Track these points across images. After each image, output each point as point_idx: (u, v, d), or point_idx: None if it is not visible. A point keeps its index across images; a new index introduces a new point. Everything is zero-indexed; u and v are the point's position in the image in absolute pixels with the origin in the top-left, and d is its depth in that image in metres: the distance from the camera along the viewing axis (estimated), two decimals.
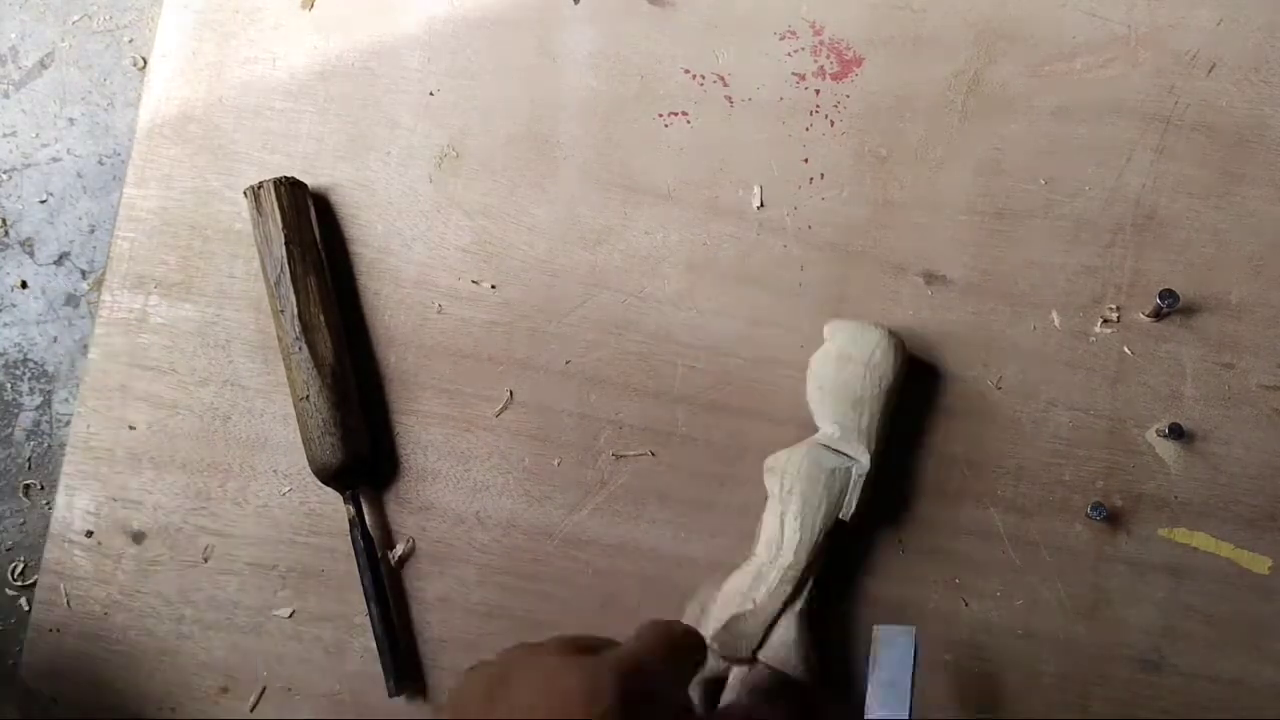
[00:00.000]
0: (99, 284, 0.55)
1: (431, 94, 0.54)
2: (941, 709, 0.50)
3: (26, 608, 0.52)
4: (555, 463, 0.52)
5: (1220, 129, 0.53)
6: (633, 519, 0.51)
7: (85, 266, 0.55)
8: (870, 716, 0.43)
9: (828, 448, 0.48)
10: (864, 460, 0.48)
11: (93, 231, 0.55)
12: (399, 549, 0.51)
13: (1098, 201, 0.52)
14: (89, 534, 0.52)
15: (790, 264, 0.53)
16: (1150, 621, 0.50)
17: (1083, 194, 0.52)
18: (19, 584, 0.53)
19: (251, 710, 0.51)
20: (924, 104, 0.53)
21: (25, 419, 0.54)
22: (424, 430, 0.52)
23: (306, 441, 0.50)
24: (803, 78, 0.54)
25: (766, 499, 0.49)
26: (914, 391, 0.51)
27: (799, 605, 0.47)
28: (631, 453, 0.52)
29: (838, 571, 0.50)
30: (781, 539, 0.47)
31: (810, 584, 0.48)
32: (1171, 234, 0.52)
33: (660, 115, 0.54)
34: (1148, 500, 0.51)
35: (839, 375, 0.48)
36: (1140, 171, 0.52)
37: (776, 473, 0.48)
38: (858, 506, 0.47)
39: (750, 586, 0.47)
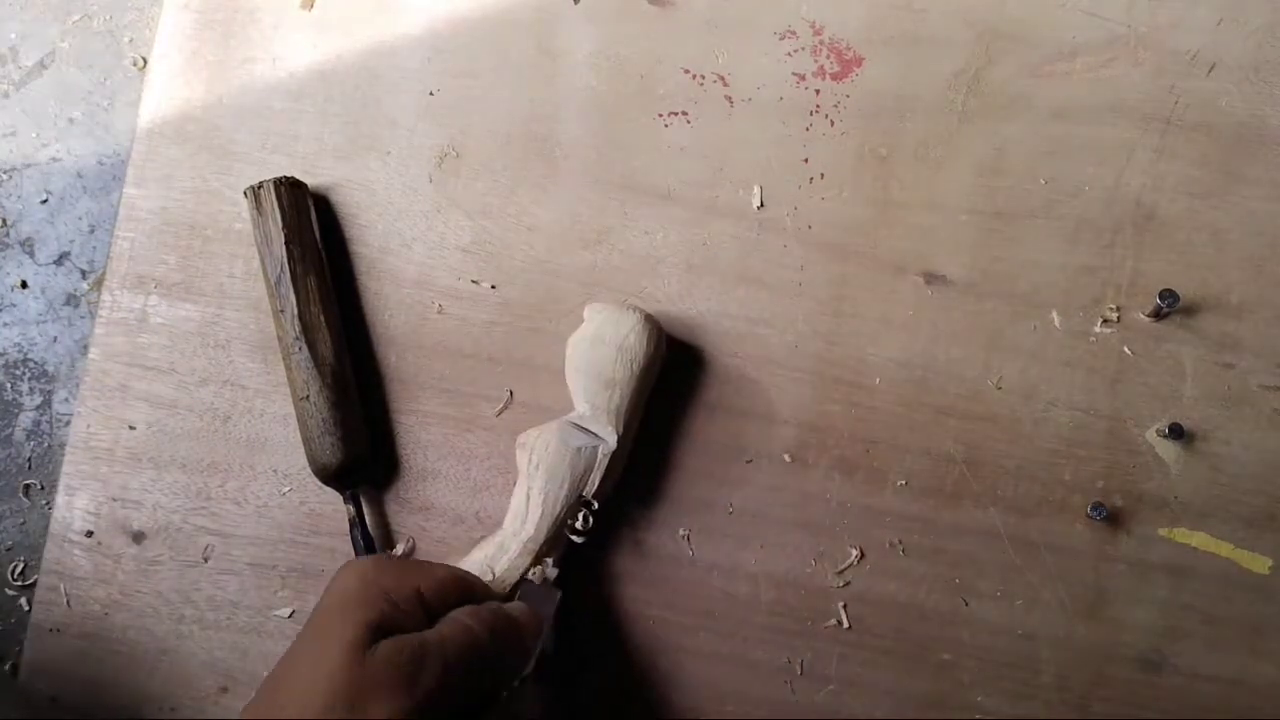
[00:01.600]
0: (99, 284, 0.55)
1: (431, 94, 0.54)
2: (941, 708, 0.50)
3: (26, 608, 0.52)
4: None
5: (1220, 129, 0.53)
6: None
7: (85, 266, 0.55)
8: None
9: (578, 426, 0.48)
10: (610, 440, 0.48)
11: (93, 231, 0.55)
12: (399, 549, 0.51)
13: (1098, 201, 0.52)
14: (89, 534, 0.52)
15: (790, 264, 0.53)
16: (1150, 621, 0.50)
17: (1083, 194, 0.52)
18: (19, 584, 0.53)
19: None
20: (924, 104, 0.53)
21: (25, 419, 0.54)
22: (424, 430, 0.52)
23: (306, 441, 0.50)
24: (803, 78, 0.54)
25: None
26: (913, 391, 0.51)
27: (535, 576, 0.47)
28: None
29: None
30: (526, 513, 0.48)
31: (550, 557, 0.48)
32: (1171, 234, 0.52)
33: (660, 115, 0.54)
34: (1148, 500, 0.51)
35: (592, 356, 0.48)
36: (1140, 171, 0.52)
37: (527, 449, 0.48)
38: (601, 485, 0.48)
39: (492, 557, 0.47)
